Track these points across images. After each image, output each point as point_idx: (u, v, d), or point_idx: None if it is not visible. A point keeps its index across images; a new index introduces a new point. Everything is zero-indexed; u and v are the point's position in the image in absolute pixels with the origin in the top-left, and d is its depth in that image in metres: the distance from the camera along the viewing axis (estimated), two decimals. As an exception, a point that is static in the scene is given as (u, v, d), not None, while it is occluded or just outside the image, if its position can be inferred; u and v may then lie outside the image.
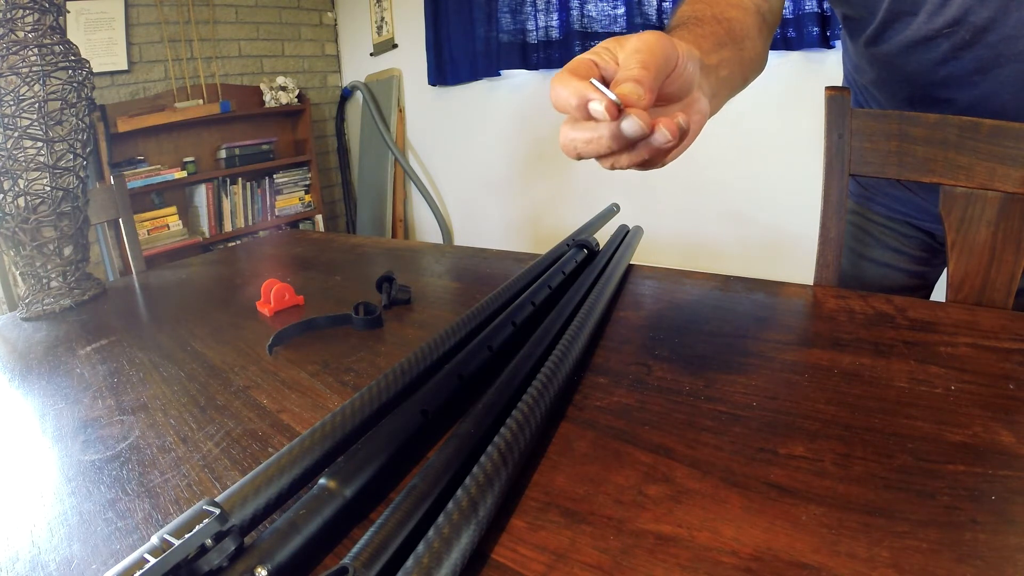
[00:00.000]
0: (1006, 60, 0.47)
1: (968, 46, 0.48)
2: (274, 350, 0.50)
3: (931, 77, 0.53)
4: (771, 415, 0.33)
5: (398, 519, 0.24)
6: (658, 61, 0.34)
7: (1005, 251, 0.53)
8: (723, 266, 1.84)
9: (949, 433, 0.30)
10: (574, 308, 0.48)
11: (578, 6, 1.98)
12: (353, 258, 0.85)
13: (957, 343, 0.40)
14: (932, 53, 0.51)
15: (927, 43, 0.50)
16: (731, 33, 0.46)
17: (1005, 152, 0.50)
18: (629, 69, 0.33)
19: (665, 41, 0.35)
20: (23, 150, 0.68)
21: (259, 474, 0.27)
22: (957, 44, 0.49)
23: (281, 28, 2.99)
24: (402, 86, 2.86)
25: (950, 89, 0.52)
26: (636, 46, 0.34)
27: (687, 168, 2.01)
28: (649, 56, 0.33)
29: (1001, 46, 0.47)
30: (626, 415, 0.35)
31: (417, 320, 0.55)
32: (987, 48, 0.47)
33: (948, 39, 0.49)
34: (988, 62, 0.48)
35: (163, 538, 0.21)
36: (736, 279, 0.56)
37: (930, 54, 0.51)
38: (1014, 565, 0.22)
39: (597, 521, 0.26)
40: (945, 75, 0.52)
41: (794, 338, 0.44)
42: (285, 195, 2.96)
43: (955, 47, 0.49)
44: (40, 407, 0.44)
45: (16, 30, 0.66)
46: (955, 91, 0.52)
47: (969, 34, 0.47)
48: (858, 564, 0.22)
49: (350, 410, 0.33)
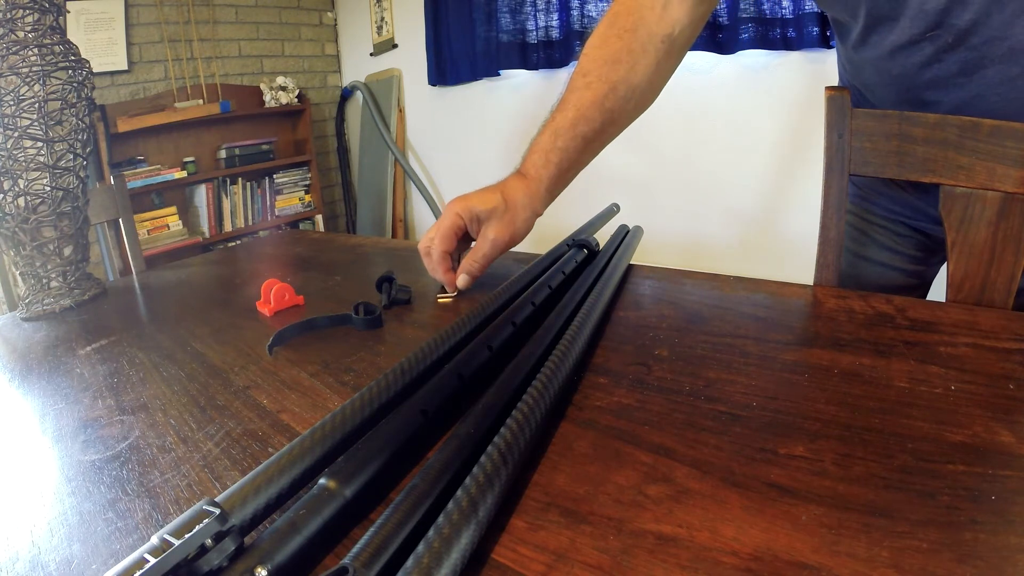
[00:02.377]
0: (990, 62, 0.47)
1: (951, 49, 0.48)
2: (274, 350, 0.50)
3: (916, 80, 0.53)
4: (771, 415, 0.33)
5: (398, 519, 0.24)
6: (496, 255, 0.57)
7: (1005, 251, 0.53)
8: (723, 266, 1.84)
9: (949, 433, 0.30)
10: (574, 308, 0.48)
11: (578, 6, 1.98)
12: (353, 258, 0.85)
13: (957, 343, 0.40)
14: (916, 56, 0.51)
15: (910, 47, 0.50)
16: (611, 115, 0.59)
17: (1005, 152, 0.50)
18: (475, 260, 0.57)
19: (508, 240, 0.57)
20: (23, 150, 0.68)
21: (259, 474, 0.27)
22: (940, 47, 0.49)
23: (281, 28, 3.00)
24: (402, 86, 2.87)
25: (936, 91, 0.53)
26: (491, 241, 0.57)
27: (687, 168, 2.01)
28: (492, 253, 0.57)
29: (984, 48, 0.47)
30: (626, 415, 0.35)
31: (417, 320, 0.55)
32: (970, 50, 0.47)
33: (931, 43, 0.49)
34: (972, 64, 0.48)
35: (163, 538, 0.21)
36: (736, 279, 0.56)
37: (913, 58, 0.51)
38: (1014, 565, 0.22)
39: (597, 521, 0.26)
40: (930, 78, 0.52)
41: (794, 338, 0.44)
42: (285, 195, 2.96)
43: (938, 50, 0.49)
44: (40, 407, 0.44)
45: (16, 30, 0.66)
46: (941, 93, 0.52)
47: (952, 37, 0.47)
48: (858, 564, 0.22)
49: (350, 410, 0.33)
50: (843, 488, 0.27)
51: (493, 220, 0.57)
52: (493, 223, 0.57)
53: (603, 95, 0.58)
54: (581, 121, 0.58)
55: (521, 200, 0.58)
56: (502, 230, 0.57)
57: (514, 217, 0.57)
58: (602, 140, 0.61)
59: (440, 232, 0.57)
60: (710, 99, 1.84)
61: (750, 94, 1.76)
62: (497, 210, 0.56)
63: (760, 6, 1.64)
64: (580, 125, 0.58)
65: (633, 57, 0.58)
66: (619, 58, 0.58)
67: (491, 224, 0.57)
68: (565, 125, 0.58)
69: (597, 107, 0.58)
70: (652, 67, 0.58)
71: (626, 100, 0.59)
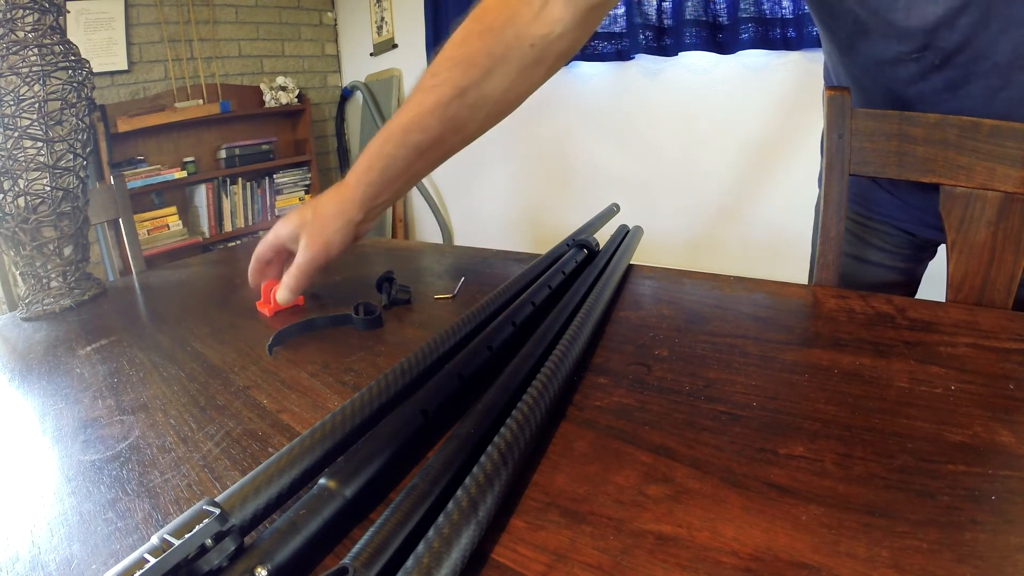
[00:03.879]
0: (975, 78, 0.47)
1: (937, 69, 0.48)
2: (274, 350, 0.50)
3: (902, 93, 0.53)
4: (771, 415, 0.33)
5: (398, 519, 0.24)
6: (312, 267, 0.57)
7: (1005, 251, 0.53)
8: (723, 266, 1.84)
9: (949, 433, 0.30)
10: (574, 308, 0.48)
11: (578, 6, 1.97)
12: (353, 258, 0.85)
13: (957, 343, 0.40)
14: (901, 73, 0.51)
15: (896, 64, 0.51)
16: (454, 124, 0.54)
17: (1005, 152, 0.50)
18: (289, 274, 0.58)
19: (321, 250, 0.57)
20: (23, 150, 0.68)
21: (259, 474, 0.27)
22: (926, 67, 0.49)
23: (281, 28, 3.00)
24: (402, 86, 2.87)
25: (923, 105, 0.53)
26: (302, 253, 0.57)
27: (687, 168, 2.01)
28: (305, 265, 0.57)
29: (970, 66, 0.47)
30: (626, 415, 0.35)
31: (417, 320, 0.55)
32: (955, 69, 0.47)
33: (917, 63, 0.49)
34: (957, 81, 0.48)
35: (163, 538, 0.21)
36: (736, 279, 0.56)
37: (899, 74, 0.51)
38: (1014, 565, 0.22)
39: (597, 521, 0.26)
40: (915, 92, 0.52)
41: (794, 338, 0.44)
42: (285, 195, 2.96)
43: (924, 70, 0.49)
44: (40, 407, 0.44)
45: (16, 30, 0.66)
46: (928, 107, 0.53)
47: (938, 58, 0.47)
48: (858, 564, 0.22)
49: (350, 410, 0.33)
50: (843, 488, 0.27)
51: (303, 234, 0.57)
52: (304, 237, 0.57)
53: (446, 101, 0.51)
54: (415, 128, 0.53)
55: (330, 210, 0.56)
56: (312, 241, 0.56)
57: (324, 227, 0.56)
58: (442, 149, 0.55)
59: (257, 249, 0.61)
60: (710, 99, 1.84)
61: (750, 94, 1.76)
62: (305, 224, 0.57)
63: (760, 6, 1.64)
64: (413, 133, 0.53)
65: (492, 61, 0.51)
66: (475, 61, 0.51)
67: (303, 238, 0.57)
68: (397, 131, 0.53)
69: (437, 115, 0.52)
70: (512, 75, 0.52)
71: (474, 109, 0.53)
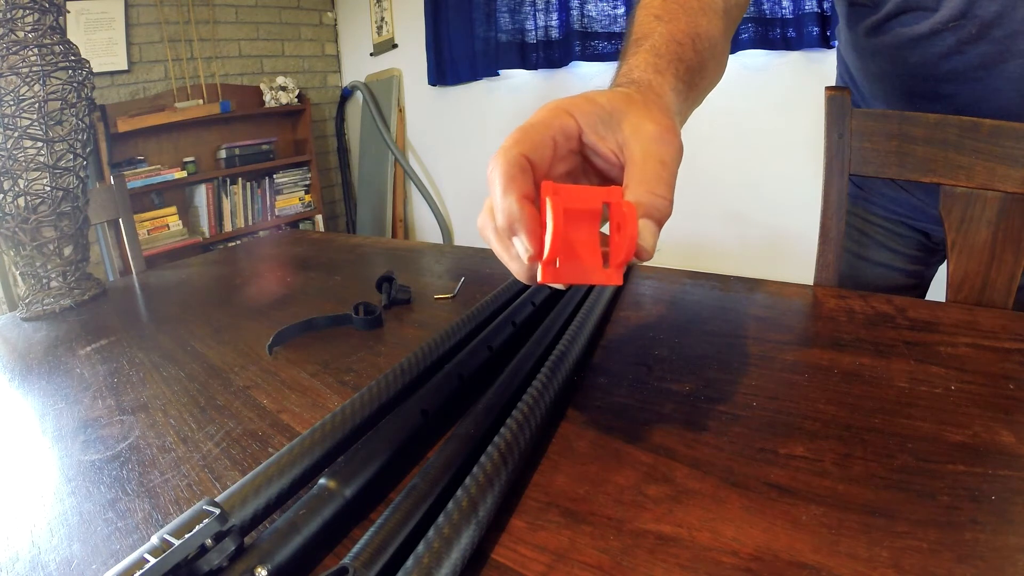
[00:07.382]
0: (1011, 56, 0.47)
1: (974, 41, 0.48)
2: (274, 350, 0.50)
3: (933, 71, 0.52)
4: (771, 415, 0.33)
5: (398, 519, 0.24)
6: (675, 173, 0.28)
7: (1005, 251, 0.53)
8: (723, 266, 1.83)
9: (949, 433, 0.30)
10: (574, 308, 0.48)
11: (578, 6, 1.98)
12: (353, 258, 0.85)
13: (957, 343, 0.40)
14: (936, 47, 0.50)
15: (932, 37, 0.50)
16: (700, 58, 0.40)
17: (1005, 152, 0.50)
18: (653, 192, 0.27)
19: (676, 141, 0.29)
20: (23, 150, 0.68)
21: (259, 474, 0.27)
22: (963, 39, 0.48)
23: (281, 28, 2.99)
24: (402, 86, 2.86)
25: (952, 84, 0.52)
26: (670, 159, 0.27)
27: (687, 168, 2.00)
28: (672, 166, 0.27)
29: (1008, 42, 0.46)
30: (626, 415, 0.35)
31: (417, 320, 0.55)
32: (993, 43, 0.47)
33: (954, 33, 0.48)
34: (993, 58, 0.48)
35: (163, 538, 0.21)
36: (736, 279, 0.56)
37: (934, 48, 0.50)
38: (1014, 565, 0.22)
39: (597, 521, 0.26)
40: (948, 70, 0.51)
41: (794, 338, 0.44)
42: (285, 195, 2.96)
43: (960, 41, 0.48)
44: (40, 407, 0.44)
45: (16, 30, 0.66)
46: (957, 86, 0.52)
47: (975, 28, 0.47)
48: (858, 564, 0.22)
49: (350, 410, 0.33)
50: (843, 488, 0.27)
51: (637, 113, 0.30)
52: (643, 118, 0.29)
53: (687, 29, 0.39)
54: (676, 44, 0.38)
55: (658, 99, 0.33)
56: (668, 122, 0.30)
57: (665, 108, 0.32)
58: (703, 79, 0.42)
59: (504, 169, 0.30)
60: (710, 99, 1.82)
61: (750, 94, 1.76)
62: (632, 100, 0.31)
63: (760, 6, 1.63)
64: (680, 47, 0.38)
65: (702, 6, 0.42)
66: (689, 5, 0.41)
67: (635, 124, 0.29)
68: (661, 46, 0.38)
69: (688, 37, 0.39)
70: (720, 27, 0.44)
71: (708, 52, 0.41)
